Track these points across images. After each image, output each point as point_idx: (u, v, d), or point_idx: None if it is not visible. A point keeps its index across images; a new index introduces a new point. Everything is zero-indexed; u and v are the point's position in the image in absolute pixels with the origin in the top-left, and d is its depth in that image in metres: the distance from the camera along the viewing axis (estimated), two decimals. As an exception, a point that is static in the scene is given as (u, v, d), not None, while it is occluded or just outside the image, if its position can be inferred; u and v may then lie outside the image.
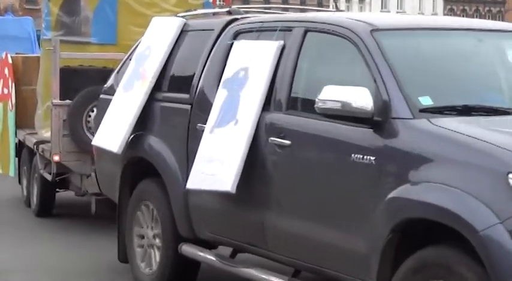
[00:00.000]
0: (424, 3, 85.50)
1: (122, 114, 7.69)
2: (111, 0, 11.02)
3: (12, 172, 12.81)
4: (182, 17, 7.94)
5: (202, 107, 6.99)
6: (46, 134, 11.44)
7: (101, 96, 8.67)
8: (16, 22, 16.21)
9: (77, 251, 9.54)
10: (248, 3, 59.88)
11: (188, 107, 7.13)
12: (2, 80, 13.13)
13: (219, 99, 6.65)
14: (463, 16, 77.02)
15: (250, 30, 6.88)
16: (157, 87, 7.56)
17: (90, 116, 10.25)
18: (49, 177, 10.77)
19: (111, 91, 8.30)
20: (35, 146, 11.25)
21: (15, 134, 12.64)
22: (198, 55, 7.28)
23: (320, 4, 69.74)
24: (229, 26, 7.12)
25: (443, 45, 6.09)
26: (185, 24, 7.71)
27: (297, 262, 6.10)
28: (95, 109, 10.13)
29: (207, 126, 6.65)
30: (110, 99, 8.11)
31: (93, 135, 10.03)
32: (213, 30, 7.28)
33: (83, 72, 10.64)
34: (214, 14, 8.51)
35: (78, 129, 10.21)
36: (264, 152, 6.22)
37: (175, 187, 7.14)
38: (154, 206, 7.53)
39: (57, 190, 11.41)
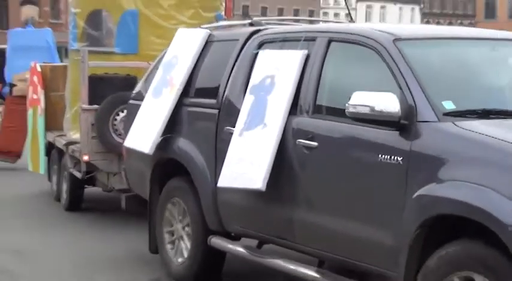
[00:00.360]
0: (403, 17, 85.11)
1: (152, 118, 7.44)
2: (133, 13, 10.71)
3: (42, 170, 12.54)
4: (207, 28, 7.68)
5: (229, 111, 6.73)
6: (74, 136, 11.17)
7: (130, 101, 8.41)
8: (36, 33, 15.89)
9: (107, 242, 9.30)
10: (247, 15, 59.48)
11: (216, 111, 6.87)
12: (31, 87, 12.83)
13: (247, 105, 6.40)
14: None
15: (274, 40, 6.63)
16: (184, 93, 7.30)
17: (116, 119, 9.97)
18: (79, 175, 10.51)
19: (139, 97, 8.05)
20: (65, 147, 10.98)
21: (45, 136, 12.36)
22: (224, 64, 7.02)
23: (311, 16, 69.36)
24: (253, 37, 6.87)
25: (459, 53, 5.86)
26: (210, 35, 7.45)
27: (325, 253, 5.85)
28: (120, 113, 9.92)
29: (236, 129, 6.40)
30: (138, 105, 7.86)
31: (119, 137, 9.91)
32: (237, 40, 7.03)
33: (108, 80, 10.36)
34: (234, 26, 8.27)
35: (105, 131, 9.94)
36: (291, 153, 5.96)
37: (205, 185, 6.89)
38: (183, 202, 7.28)
39: (85, 186, 11.10)
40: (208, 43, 7.40)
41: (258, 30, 6.95)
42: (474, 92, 5.49)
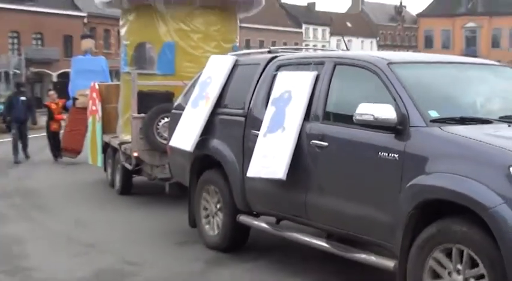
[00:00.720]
0: (365, 48, 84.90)
1: (191, 124, 7.19)
2: (170, 44, 10.44)
3: (99, 163, 12.30)
4: (234, 55, 7.44)
5: (254, 118, 6.48)
6: (125, 137, 10.90)
7: (172, 111, 8.13)
8: (93, 60, 15.61)
9: (154, 219, 9.08)
10: (249, 46, 59.22)
11: (243, 119, 6.62)
12: (91, 101, 12.56)
13: (269, 113, 6.15)
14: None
15: (289, 64, 6.39)
16: (217, 105, 7.06)
17: (158, 125, 9.68)
18: (129, 167, 10.24)
19: (180, 107, 7.79)
20: (119, 146, 10.71)
21: (102, 138, 12.10)
22: (248, 82, 6.77)
23: (296, 44, 69.33)
24: (272, 61, 6.63)
25: (439, 73, 5.61)
26: (236, 60, 7.21)
27: (332, 228, 5.62)
28: (162, 120, 9.66)
29: (261, 132, 6.15)
30: (179, 113, 7.60)
31: (161, 139, 9.65)
32: (259, 64, 6.78)
33: (152, 95, 10.05)
34: (254, 53, 8.03)
35: (150, 134, 9.66)
36: (306, 151, 5.71)
37: (234, 175, 6.64)
38: (217, 188, 7.03)
39: (134, 175, 10.81)
40: (235, 66, 7.16)
41: (275, 57, 6.71)
42: (452, 104, 5.24)
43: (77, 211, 9.66)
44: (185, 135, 7.21)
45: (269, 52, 7.19)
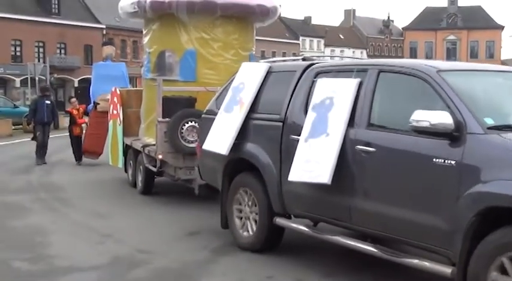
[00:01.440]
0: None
1: (226, 128, 6.72)
2: (192, 52, 9.96)
3: (120, 164, 11.75)
4: (266, 62, 6.98)
5: (292, 124, 6.03)
6: (147, 140, 10.43)
7: (203, 115, 7.66)
8: (113, 66, 14.94)
9: (167, 212, 9.00)
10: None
11: (280, 124, 6.16)
12: (112, 105, 12.02)
13: (310, 119, 5.70)
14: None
15: (328, 71, 5.94)
16: (251, 110, 6.60)
17: (182, 129, 9.19)
18: (154, 169, 9.75)
19: (211, 112, 7.33)
20: (142, 148, 10.19)
21: (123, 140, 11.57)
22: (284, 88, 6.32)
23: (284, 55, 69.54)
24: (309, 68, 6.18)
25: (487, 81, 5.21)
26: (270, 67, 6.75)
27: (379, 232, 5.17)
28: (185, 124, 9.18)
29: (302, 137, 5.69)
30: (210, 118, 7.16)
31: (185, 142, 9.17)
32: (295, 71, 6.33)
33: (175, 100, 9.56)
34: (287, 60, 7.57)
35: (174, 137, 9.17)
36: (350, 156, 5.27)
37: (272, 178, 6.18)
38: (251, 190, 6.57)
39: (155, 177, 10.31)
40: (268, 73, 6.70)
41: (312, 64, 6.26)
42: (503, 111, 4.83)
43: (96, 205, 9.57)
44: (219, 139, 6.75)
45: (303, 60, 6.74)
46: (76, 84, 54.13)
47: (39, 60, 45.62)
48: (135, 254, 6.61)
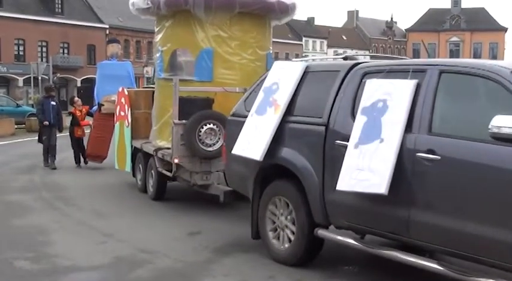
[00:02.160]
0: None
1: (259, 132, 6.27)
2: (208, 51, 9.48)
3: (128, 168, 11.22)
4: (303, 61, 6.52)
5: (337, 128, 5.58)
6: (160, 143, 9.95)
7: (229, 118, 7.21)
8: (119, 65, 14.32)
9: (169, 212, 8.88)
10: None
11: (322, 128, 5.71)
12: (119, 106, 11.52)
13: (359, 123, 5.25)
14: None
15: (377, 71, 5.48)
16: (287, 112, 6.14)
17: (200, 131, 8.74)
18: (169, 173, 9.25)
19: (239, 114, 6.90)
20: (154, 152, 9.70)
21: (131, 143, 11.07)
22: (326, 90, 5.88)
23: (287, 55, 69.60)
24: (354, 68, 5.74)
25: None
26: (307, 66, 6.30)
27: (442, 247, 4.74)
28: (204, 126, 8.72)
29: (351, 143, 5.25)
30: (239, 121, 6.70)
31: (203, 145, 8.72)
32: (339, 71, 5.88)
33: (192, 101, 9.08)
34: (326, 59, 7.11)
35: (192, 140, 8.70)
36: (410, 164, 4.83)
37: (313, 186, 5.73)
38: (288, 199, 6.11)
39: (168, 181, 9.82)
40: (305, 73, 6.25)
41: (358, 63, 5.81)
42: None
43: (99, 205, 9.55)
44: (252, 144, 6.29)
45: (345, 59, 6.29)
46: (79, 84, 54.49)
47: (42, 60, 45.47)
48: (137, 254, 6.59)
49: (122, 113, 11.32)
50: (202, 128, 8.78)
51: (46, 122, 13.83)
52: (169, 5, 9.46)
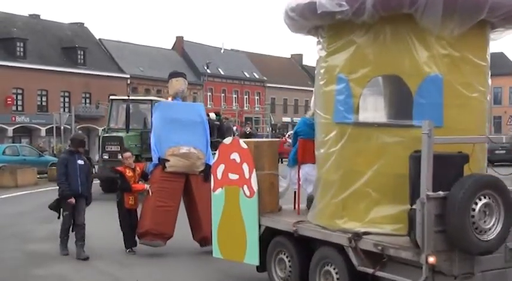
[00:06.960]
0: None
1: None
2: (436, 79, 6.13)
3: (252, 259, 7.42)
4: None
5: None
6: (344, 225, 6.39)
7: None
8: (187, 107, 10.42)
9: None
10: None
11: None
12: (224, 165, 7.74)
13: None
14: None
15: None
16: None
17: (474, 210, 5.35)
18: (390, 276, 5.69)
19: None
20: (352, 240, 6.06)
21: (259, 221, 7.33)
22: None
23: (307, 103, 69.36)
24: None
25: None
26: None
27: None
28: (478, 202, 5.35)
29: None
30: None
31: (479, 233, 5.33)
32: None
33: (443, 158, 5.59)
34: None
35: (464, 225, 5.27)
36: None
37: None
38: None
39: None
40: None
41: None
42: None
43: (122, 255, 9.41)
44: None
45: None
46: (100, 134, 52.44)
47: (64, 110, 46.13)
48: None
49: (235, 177, 7.58)
50: (477, 204, 5.40)
51: (72, 200, 9.44)
52: (384, 7, 6.01)
